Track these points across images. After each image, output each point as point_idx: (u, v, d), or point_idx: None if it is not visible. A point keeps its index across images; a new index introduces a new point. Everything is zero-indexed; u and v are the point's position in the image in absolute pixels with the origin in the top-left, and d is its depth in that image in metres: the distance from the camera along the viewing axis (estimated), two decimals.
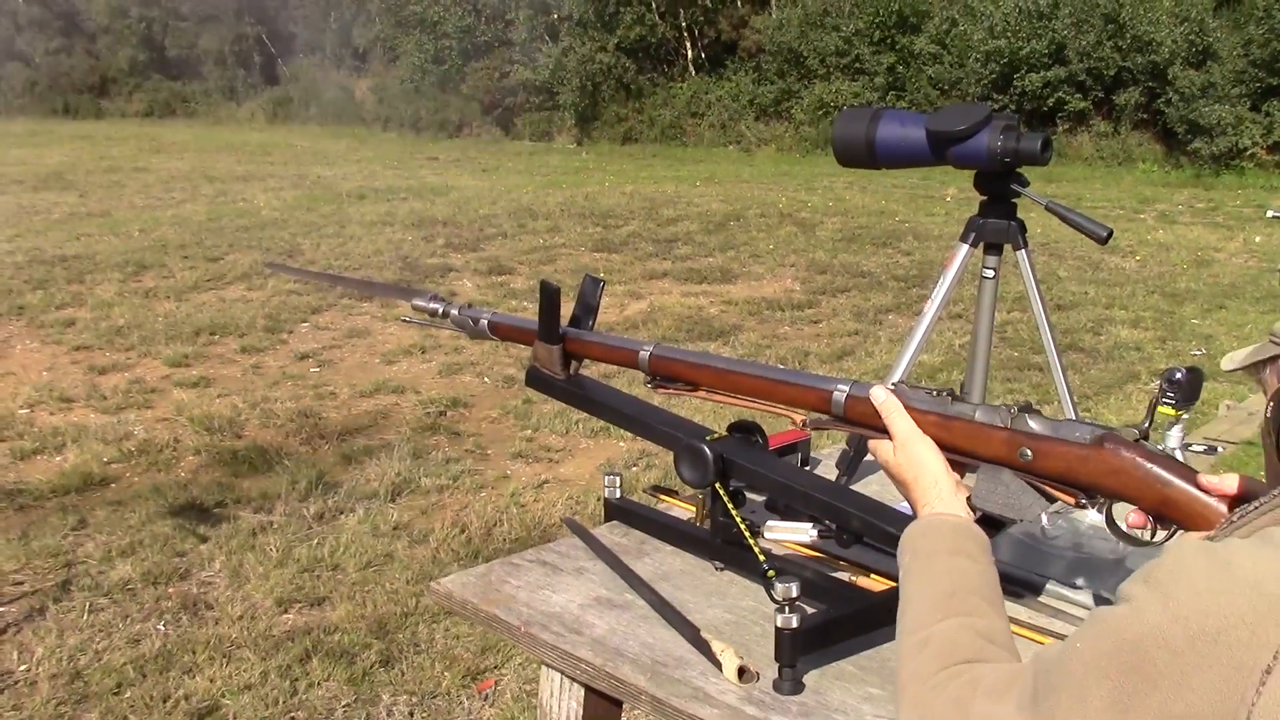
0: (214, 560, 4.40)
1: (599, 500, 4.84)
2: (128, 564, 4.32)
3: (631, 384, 5.00)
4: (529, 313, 1.88)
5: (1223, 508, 1.27)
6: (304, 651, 3.69)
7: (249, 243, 11.65)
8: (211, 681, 3.51)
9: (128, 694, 3.46)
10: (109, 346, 7.66)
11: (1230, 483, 1.28)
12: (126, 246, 11.45)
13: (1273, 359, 1.20)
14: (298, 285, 9.35)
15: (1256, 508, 1.04)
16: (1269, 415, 1.11)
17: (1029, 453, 1.37)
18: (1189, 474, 1.31)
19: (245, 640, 3.77)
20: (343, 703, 3.45)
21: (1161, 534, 1.33)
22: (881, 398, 1.45)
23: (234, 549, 4.48)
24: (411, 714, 3.41)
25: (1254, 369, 1.24)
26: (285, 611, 4.00)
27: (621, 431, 2.05)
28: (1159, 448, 1.36)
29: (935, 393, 1.44)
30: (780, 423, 1.65)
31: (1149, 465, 1.30)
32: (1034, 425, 1.38)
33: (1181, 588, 0.95)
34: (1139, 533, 1.35)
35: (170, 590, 4.14)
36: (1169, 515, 1.31)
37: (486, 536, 4.63)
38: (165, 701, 3.42)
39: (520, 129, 28.04)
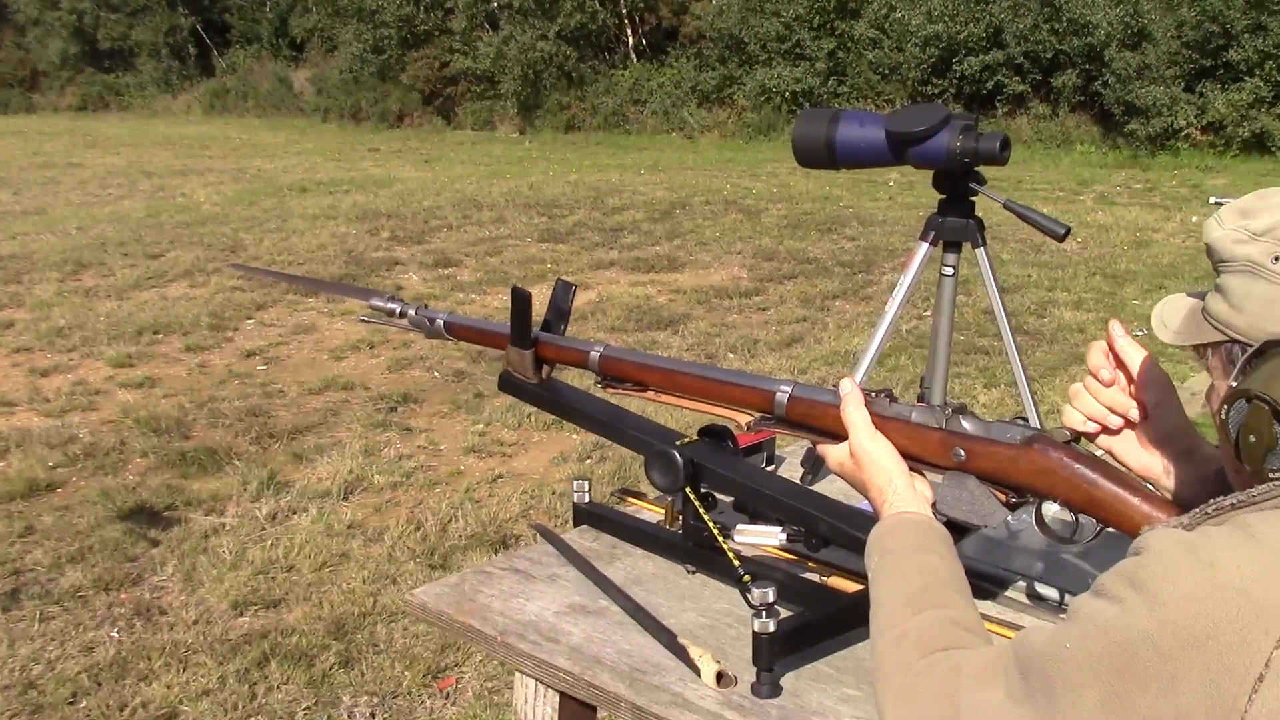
0: (166, 564, 4.35)
1: (554, 494, 4.90)
2: (78, 570, 4.26)
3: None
4: (477, 305, 1.89)
5: (1147, 508, 1.30)
6: (262, 655, 3.66)
7: (190, 239, 11.49)
8: (169, 688, 3.48)
9: (83, 703, 3.42)
10: (50, 348, 7.53)
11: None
12: (64, 245, 11.26)
13: (1214, 344, 1.21)
14: (241, 281, 9.23)
15: (1234, 504, 1.06)
16: (1222, 418, 1.12)
17: (962, 453, 1.40)
18: (1116, 474, 1.35)
19: (201, 645, 3.74)
20: (303, 705, 3.43)
21: (1089, 533, 1.37)
22: (847, 389, 1.47)
23: (186, 552, 4.44)
24: (373, 715, 3.40)
25: (1197, 350, 1.25)
26: (241, 614, 3.97)
27: (574, 424, 2.06)
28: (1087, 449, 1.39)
29: (874, 394, 1.46)
30: None
31: (1076, 466, 1.34)
32: (967, 426, 1.41)
33: (1168, 591, 0.97)
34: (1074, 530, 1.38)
35: (123, 596, 4.10)
36: (1096, 515, 1.34)
37: (442, 533, 4.61)
38: (122, 710, 3.39)
39: (462, 118, 27.82)
